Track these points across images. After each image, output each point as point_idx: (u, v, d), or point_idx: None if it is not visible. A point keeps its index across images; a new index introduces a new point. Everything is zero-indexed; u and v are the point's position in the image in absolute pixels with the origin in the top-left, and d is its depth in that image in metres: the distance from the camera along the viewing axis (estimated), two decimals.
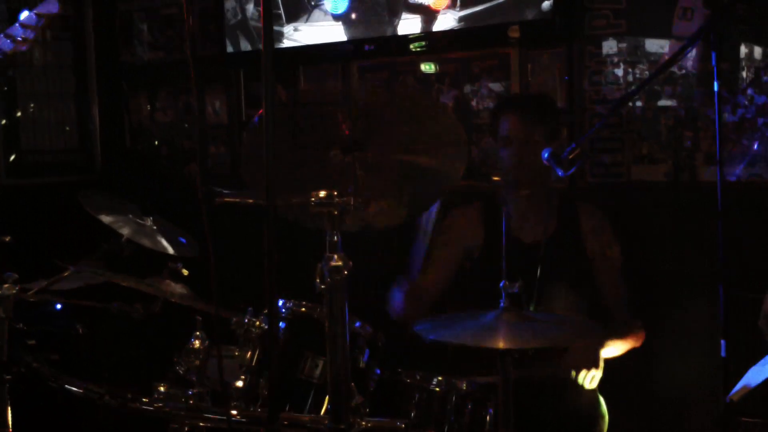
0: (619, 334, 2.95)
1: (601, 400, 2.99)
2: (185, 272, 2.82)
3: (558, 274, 2.99)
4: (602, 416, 2.94)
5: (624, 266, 3.09)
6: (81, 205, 2.89)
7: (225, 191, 1.95)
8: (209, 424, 2.28)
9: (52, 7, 2.74)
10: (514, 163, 3.02)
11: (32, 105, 4.75)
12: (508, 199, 3.13)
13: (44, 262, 2.81)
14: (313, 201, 1.94)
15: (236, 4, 4.29)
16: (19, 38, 2.68)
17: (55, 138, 4.86)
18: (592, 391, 2.92)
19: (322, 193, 1.94)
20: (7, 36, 2.70)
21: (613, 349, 2.92)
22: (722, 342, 2.58)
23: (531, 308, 2.85)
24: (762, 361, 2.19)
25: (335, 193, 1.94)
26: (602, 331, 2.23)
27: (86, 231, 3.03)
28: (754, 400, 2.20)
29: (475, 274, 3.13)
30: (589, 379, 2.77)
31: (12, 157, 4.63)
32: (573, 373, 2.76)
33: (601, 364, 2.82)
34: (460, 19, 3.66)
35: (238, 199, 1.98)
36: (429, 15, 3.75)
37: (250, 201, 2.02)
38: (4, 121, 4.62)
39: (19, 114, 4.70)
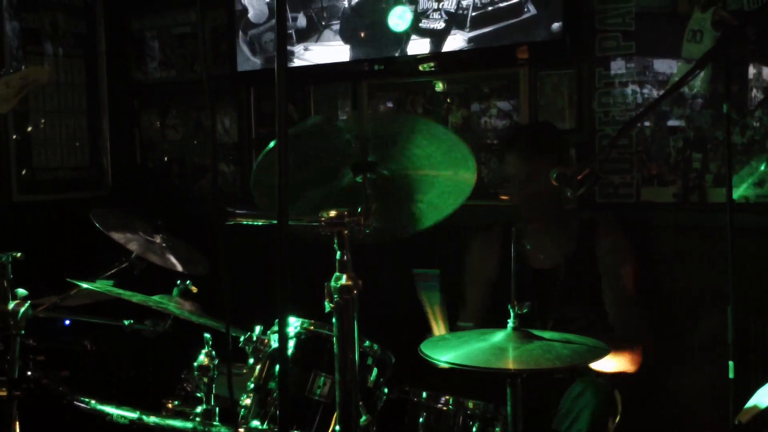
0: (612, 349, 2.92)
1: (617, 396, 2.96)
2: (194, 289, 2.83)
3: (576, 296, 3.00)
4: (615, 404, 2.92)
5: (639, 291, 3.08)
6: (92, 222, 2.91)
7: (236, 210, 1.96)
8: None
9: (40, 77, 2.76)
10: (520, 200, 3.10)
11: (44, 121, 4.78)
12: (526, 223, 3.17)
13: (55, 278, 2.82)
14: (323, 221, 1.95)
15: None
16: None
17: (67, 154, 4.89)
18: (604, 386, 2.91)
19: (333, 213, 1.95)
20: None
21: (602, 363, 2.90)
22: (731, 363, 2.58)
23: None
24: None
25: (345, 212, 1.95)
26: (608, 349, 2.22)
27: (97, 247, 3.04)
28: (763, 421, 2.19)
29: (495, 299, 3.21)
30: None
31: (23, 173, 4.66)
32: None
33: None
34: (470, 40, 3.68)
35: (249, 219, 1.99)
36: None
37: (262, 221, 2.03)
38: (15, 137, 4.65)
39: (30, 130, 4.73)
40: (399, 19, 3.87)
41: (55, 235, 4.29)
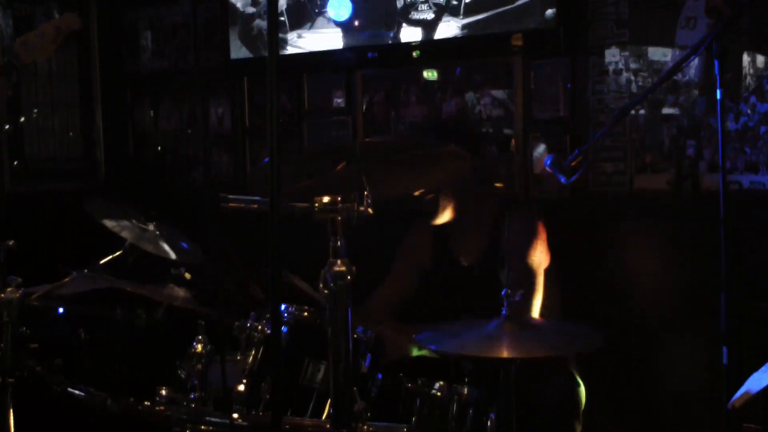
0: None
1: (581, 387, 2.97)
2: (188, 276, 2.82)
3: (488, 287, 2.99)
4: (579, 404, 2.93)
5: (554, 272, 3.07)
6: (84, 212, 2.90)
7: (229, 196, 1.95)
8: (211, 428, 2.27)
9: (72, 23, 2.75)
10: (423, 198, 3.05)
11: (36, 112, 4.76)
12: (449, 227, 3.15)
13: (48, 268, 2.82)
14: (316, 207, 1.95)
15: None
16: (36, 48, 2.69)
17: (60, 145, 4.87)
18: (569, 378, 2.94)
19: (326, 199, 1.95)
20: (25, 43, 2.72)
21: None
22: (724, 349, 2.59)
23: None
24: (764, 368, 2.18)
25: (339, 198, 1.95)
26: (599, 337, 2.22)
27: (89, 237, 3.04)
28: (756, 406, 2.20)
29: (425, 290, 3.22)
30: None
31: (15, 164, 4.64)
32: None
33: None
34: (463, 27, 3.67)
35: (242, 205, 1.98)
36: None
37: (255, 207, 2.03)
38: (7, 127, 4.63)
39: (23, 121, 4.71)
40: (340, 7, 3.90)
41: (48, 225, 4.28)
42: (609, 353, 2.44)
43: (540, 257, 3.06)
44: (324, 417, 2.32)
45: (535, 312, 3.01)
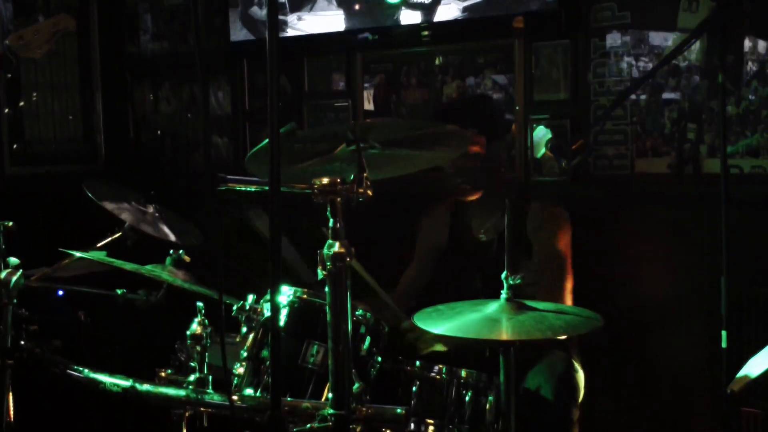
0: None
1: (580, 374, 2.98)
2: (187, 259, 2.83)
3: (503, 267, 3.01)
4: (576, 388, 2.94)
5: (563, 257, 3.07)
6: (84, 194, 2.90)
7: (229, 177, 1.95)
8: (210, 410, 2.28)
9: (68, 25, 2.78)
10: (455, 175, 3.09)
11: (36, 95, 4.75)
12: (469, 202, 3.19)
13: (48, 250, 2.82)
14: (316, 188, 1.94)
15: None
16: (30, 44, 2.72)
17: (59, 128, 4.86)
18: (567, 364, 2.95)
19: (325, 180, 1.95)
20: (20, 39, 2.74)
21: None
22: (723, 333, 2.59)
23: None
24: (763, 352, 2.19)
25: (338, 180, 1.95)
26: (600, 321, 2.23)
27: (89, 220, 3.04)
28: (755, 390, 2.20)
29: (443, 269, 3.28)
30: None
31: (15, 147, 4.64)
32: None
33: None
34: (464, 9, 3.66)
35: (241, 186, 1.98)
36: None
37: (254, 188, 2.02)
38: (7, 111, 4.62)
39: (22, 104, 4.70)
40: None
41: (48, 207, 4.28)
42: (608, 336, 2.45)
43: (566, 242, 3.07)
44: (323, 399, 2.32)
45: (568, 299, 3.02)
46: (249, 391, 2.32)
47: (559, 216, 3.13)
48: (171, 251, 2.85)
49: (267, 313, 2.39)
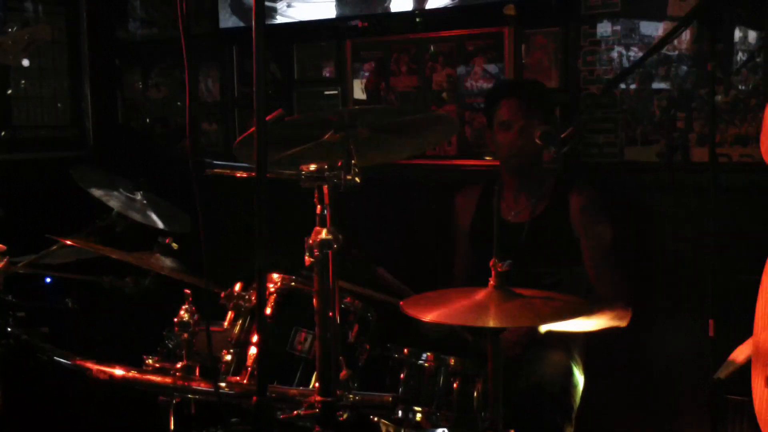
0: (594, 309, 2.94)
1: (575, 370, 3.00)
2: (175, 246, 2.82)
3: (539, 252, 3.02)
4: (574, 385, 2.95)
5: (616, 248, 3.10)
6: (72, 180, 2.89)
7: (216, 162, 1.94)
8: (198, 397, 2.28)
9: (45, 35, 2.79)
10: (514, 148, 3.11)
11: (24, 81, 4.72)
12: (505, 179, 3.22)
13: (36, 236, 2.80)
14: (303, 174, 1.94)
15: None
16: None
17: (48, 114, 4.84)
18: (565, 359, 2.98)
19: (313, 167, 1.94)
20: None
21: (586, 322, 2.92)
22: (710, 321, 2.60)
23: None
24: (749, 340, 2.20)
25: (325, 166, 1.94)
26: (589, 307, 2.24)
27: (78, 206, 3.03)
28: (742, 378, 2.21)
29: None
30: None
31: (2, 133, 4.61)
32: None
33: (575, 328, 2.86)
34: None
35: (228, 171, 1.97)
36: None
37: (241, 173, 2.02)
38: None
39: (10, 90, 4.67)
40: None
41: (35, 193, 4.26)
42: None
43: (607, 230, 3.08)
44: (311, 386, 2.32)
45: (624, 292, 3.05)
46: (236, 379, 2.31)
47: (602, 205, 3.16)
48: (159, 238, 2.84)
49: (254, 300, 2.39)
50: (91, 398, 3.13)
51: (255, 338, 2.34)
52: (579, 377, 3.05)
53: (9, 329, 2.46)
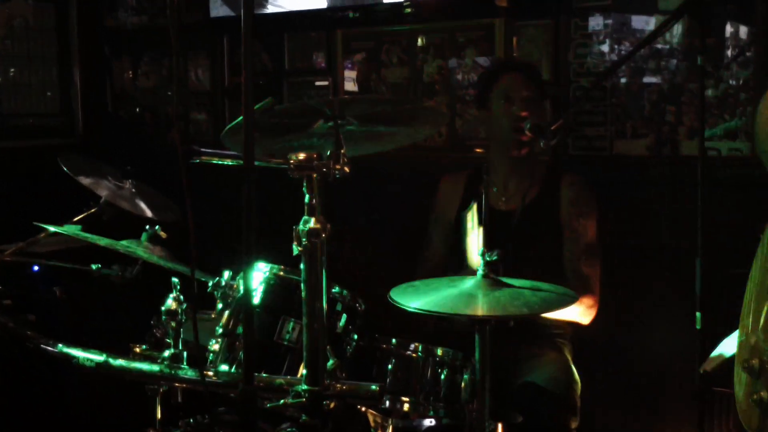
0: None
1: (573, 367, 3.01)
2: (163, 235, 2.80)
3: (530, 243, 3.01)
4: (575, 382, 2.96)
5: (596, 244, 3.08)
6: (61, 168, 2.87)
7: (204, 149, 1.93)
8: (185, 385, 2.27)
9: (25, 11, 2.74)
10: (515, 121, 3.02)
11: (13, 69, 4.69)
12: (494, 165, 3.15)
13: (23, 225, 2.79)
14: (292, 163, 1.93)
15: None
16: None
17: (36, 102, 4.81)
18: (564, 357, 2.98)
19: (302, 156, 1.93)
20: None
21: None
22: (698, 314, 2.61)
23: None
24: (736, 332, 2.20)
25: (315, 155, 1.93)
26: (574, 298, 2.24)
27: (66, 195, 3.01)
28: (729, 370, 2.22)
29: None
30: None
31: None
32: None
33: None
34: None
35: (216, 158, 1.96)
36: None
37: (229, 161, 2.01)
38: None
39: None
40: None
41: (23, 181, 4.24)
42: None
43: (592, 226, 3.07)
44: (299, 375, 2.31)
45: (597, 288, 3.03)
46: (224, 368, 2.31)
47: (591, 198, 3.13)
48: (147, 227, 2.83)
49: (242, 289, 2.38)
50: (79, 386, 3.12)
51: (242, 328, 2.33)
52: (575, 373, 3.04)
53: None
